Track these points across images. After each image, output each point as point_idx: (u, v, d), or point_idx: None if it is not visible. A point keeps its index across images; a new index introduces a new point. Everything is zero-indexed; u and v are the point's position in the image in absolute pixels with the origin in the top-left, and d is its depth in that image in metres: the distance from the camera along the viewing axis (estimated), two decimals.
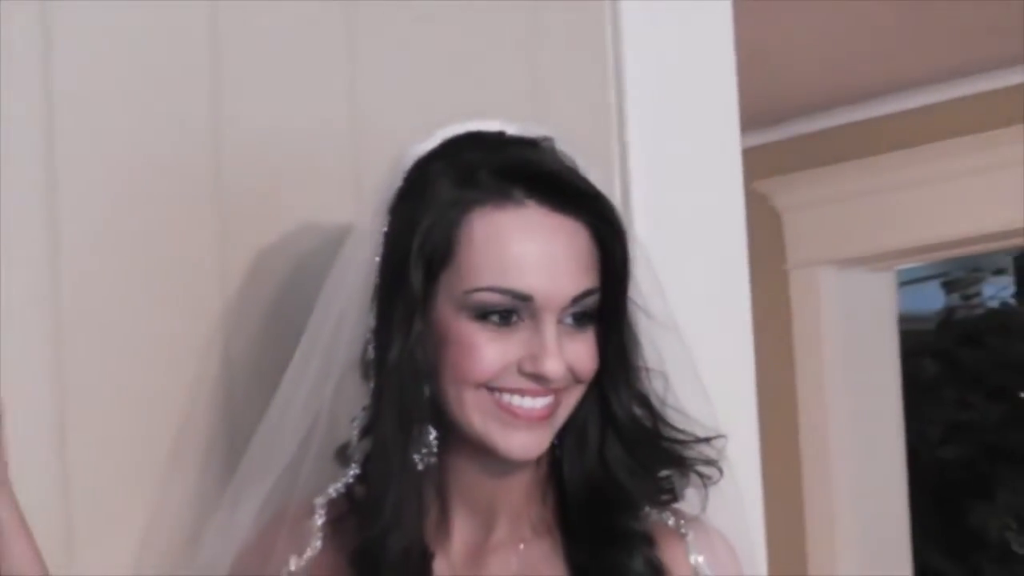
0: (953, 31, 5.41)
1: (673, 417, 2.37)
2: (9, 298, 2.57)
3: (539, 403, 2.29)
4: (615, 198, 2.46)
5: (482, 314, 2.27)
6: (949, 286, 8.62)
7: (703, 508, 2.38)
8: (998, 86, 6.01)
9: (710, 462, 2.37)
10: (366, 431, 2.35)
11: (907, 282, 7.32)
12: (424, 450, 2.31)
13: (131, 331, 2.66)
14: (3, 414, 2.46)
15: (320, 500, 2.40)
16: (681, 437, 2.36)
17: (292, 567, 2.39)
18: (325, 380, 2.42)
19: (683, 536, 2.36)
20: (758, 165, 3.32)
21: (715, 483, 2.38)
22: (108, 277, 2.66)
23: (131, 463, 2.66)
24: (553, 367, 2.27)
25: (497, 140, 2.34)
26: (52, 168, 2.62)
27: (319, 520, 2.39)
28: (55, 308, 2.62)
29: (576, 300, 2.29)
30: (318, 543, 2.39)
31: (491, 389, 2.29)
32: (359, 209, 2.62)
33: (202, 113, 2.72)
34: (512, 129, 2.36)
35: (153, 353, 2.67)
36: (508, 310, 2.27)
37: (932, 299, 8.56)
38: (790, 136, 6.36)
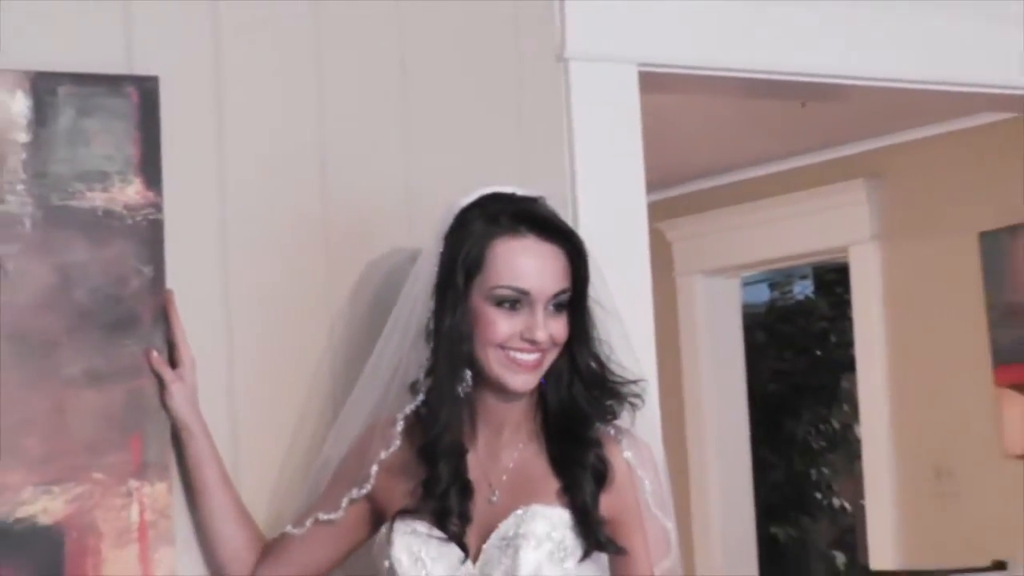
0: (785, 127, 5.45)
1: (614, 368, 2.43)
2: (196, 292, 2.59)
3: (532, 357, 2.36)
4: None
5: (499, 302, 2.35)
6: (773, 286, 8.63)
7: (632, 423, 2.44)
8: (810, 163, 6.09)
9: (636, 395, 2.43)
10: (428, 373, 2.40)
11: (747, 284, 7.35)
12: (463, 385, 2.38)
13: (274, 318, 2.68)
14: (194, 364, 2.53)
15: (400, 415, 2.45)
16: (619, 380, 2.42)
17: (382, 456, 2.44)
18: (403, 342, 2.47)
19: (619, 441, 2.41)
20: (656, 212, 3.41)
21: (639, 408, 2.44)
22: (259, 282, 2.67)
23: (282, 404, 2.66)
24: (541, 335, 2.35)
25: (511, 197, 2.41)
26: (224, 207, 2.65)
27: (399, 427, 2.44)
28: (225, 303, 2.64)
29: (556, 295, 2.37)
30: (398, 442, 2.44)
31: (503, 348, 2.36)
32: (412, 238, 2.67)
33: (314, 178, 2.73)
34: (521, 191, 2.43)
35: (288, 331, 2.68)
36: (515, 300, 2.35)
37: (762, 294, 8.58)
38: (676, 194, 6.38)
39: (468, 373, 2.39)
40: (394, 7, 2.82)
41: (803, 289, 8.75)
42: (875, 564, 5.90)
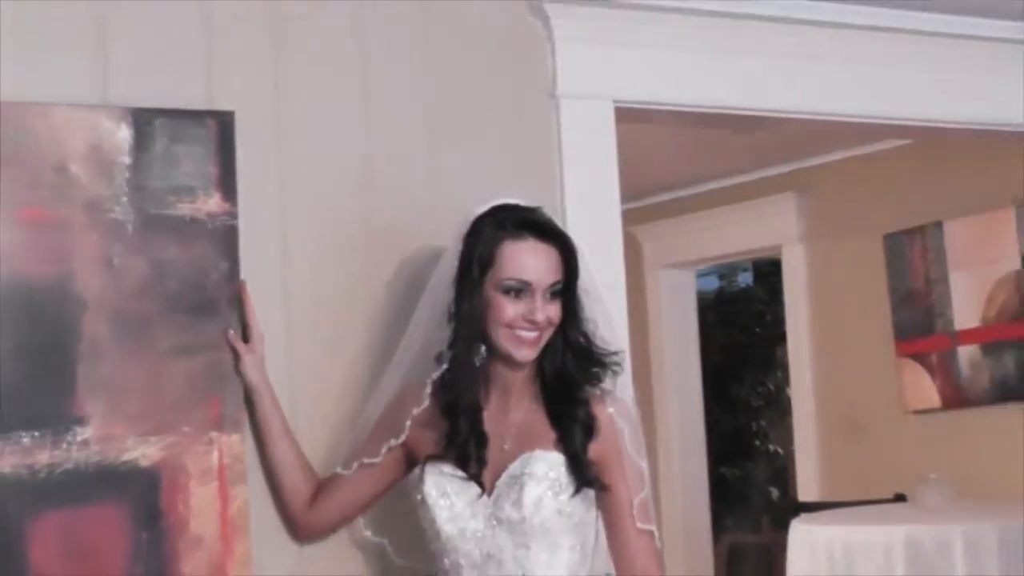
0: (731, 150, 5.46)
1: (598, 342, 2.41)
2: (263, 282, 2.58)
3: (532, 334, 2.35)
4: None
5: (506, 291, 2.34)
6: (721, 277, 8.59)
7: (613, 386, 2.43)
8: (750, 179, 6.09)
9: (616, 364, 2.42)
10: (450, 347, 2.39)
11: (701, 275, 7.33)
12: (478, 356, 2.37)
13: (326, 303, 2.66)
14: (262, 340, 2.53)
15: (428, 380, 2.43)
16: (602, 351, 2.41)
17: (414, 412, 2.42)
18: (430, 322, 2.45)
19: (603, 400, 2.40)
20: (629, 218, 3.40)
21: (618, 374, 2.43)
22: (314, 275, 2.65)
23: (333, 371, 2.64)
24: (540, 317, 2.34)
25: (516, 207, 2.40)
26: (285, 215, 2.64)
27: (428, 390, 2.42)
28: (286, 291, 2.63)
29: (551, 285, 2.36)
30: (427, 401, 2.42)
31: (510, 327, 2.34)
32: (437, 239, 2.60)
33: (358, 192, 2.71)
34: (523, 202, 2.42)
35: (338, 313, 2.66)
36: (519, 289, 2.34)
37: (712, 283, 8.55)
38: (645, 204, 6.38)
39: (482, 347, 2.37)
40: (422, 57, 2.82)
41: (745, 279, 8.72)
42: (803, 497, 5.90)
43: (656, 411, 6.35)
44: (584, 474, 2.34)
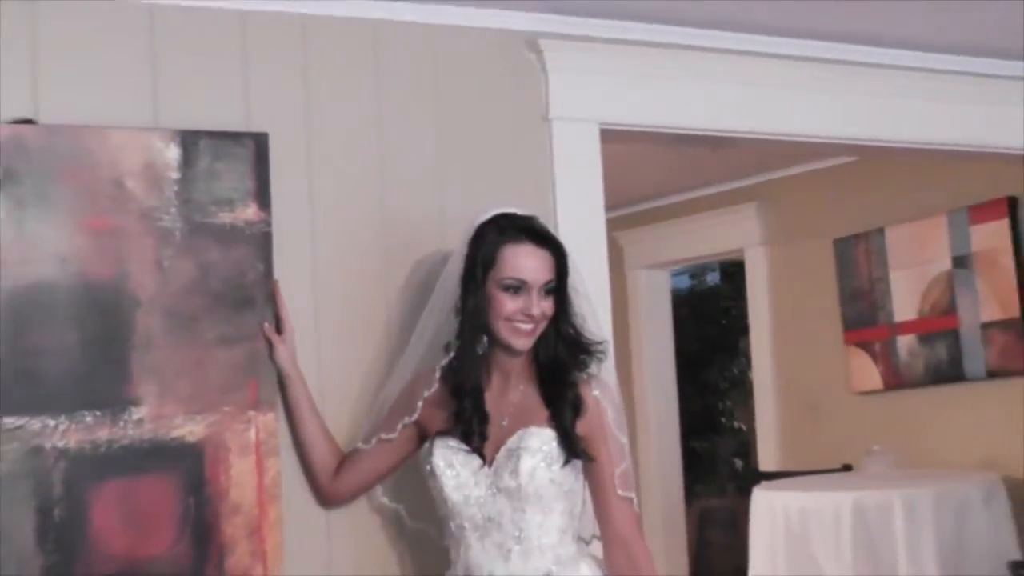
0: (701, 166, 5.47)
1: (586, 333, 2.40)
2: (294, 282, 2.56)
3: (529, 327, 2.35)
4: None
5: (506, 288, 2.33)
6: (692, 276, 8.55)
7: (599, 371, 2.41)
8: (718, 191, 6.08)
9: (602, 352, 2.40)
10: (457, 337, 2.38)
11: (675, 275, 7.28)
12: (481, 346, 2.36)
13: (349, 300, 2.64)
14: (294, 332, 2.51)
15: (438, 366, 2.42)
16: (589, 341, 2.40)
17: (426, 394, 2.42)
18: (440, 316, 2.44)
19: (590, 383, 2.38)
20: (612, 225, 3.37)
21: (603, 361, 2.41)
22: (338, 275, 2.64)
23: (355, 359, 2.63)
24: (536, 311, 2.33)
25: (515, 215, 2.39)
26: (313, 222, 2.63)
27: (437, 375, 2.42)
28: (314, 289, 2.61)
29: (546, 284, 2.35)
30: (436, 384, 2.41)
31: (509, 320, 2.33)
32: (445, 244, 2.61)
33: (376, 203, 2.70)
34: (521, 212, 2.41)
35: (359, 309, 2.64)
36: (517, 287, 2.33)
37: (684, 282, 8.54)
38: (626, 212, 6.37)
39: (484, 338, 2.37)
40: (431, 85, 2.81)
41: (713, 278, 8.68)
42: (763, 467, 5.89)
43: (635, 393, 6.32)
44: (573, 447, 2.33)
